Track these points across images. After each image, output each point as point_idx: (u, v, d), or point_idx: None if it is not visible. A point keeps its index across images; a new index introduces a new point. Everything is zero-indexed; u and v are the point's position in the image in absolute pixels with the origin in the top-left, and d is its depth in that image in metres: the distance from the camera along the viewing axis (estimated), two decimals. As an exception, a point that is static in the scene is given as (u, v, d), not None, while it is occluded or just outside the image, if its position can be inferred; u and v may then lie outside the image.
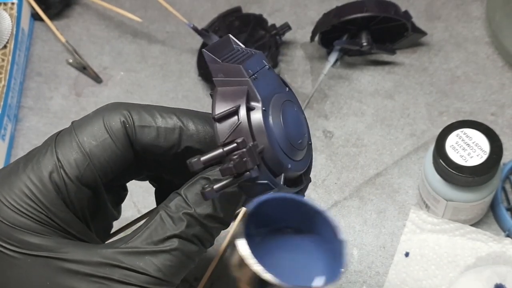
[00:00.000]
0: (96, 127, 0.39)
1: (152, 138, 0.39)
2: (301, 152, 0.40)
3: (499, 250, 0.55)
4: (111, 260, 0.38)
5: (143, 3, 0.75)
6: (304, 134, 0.40)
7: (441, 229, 0.57)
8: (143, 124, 0.39)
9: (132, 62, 0.71)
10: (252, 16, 0.70)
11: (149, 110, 0.40)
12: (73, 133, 0.39)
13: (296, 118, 0.40)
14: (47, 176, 0.38)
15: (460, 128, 0.54)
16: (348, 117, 0.66)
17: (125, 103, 0.40)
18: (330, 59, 0.67)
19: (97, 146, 0.38)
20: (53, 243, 0.38)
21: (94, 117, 0.40)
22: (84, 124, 0.39)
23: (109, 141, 0.39)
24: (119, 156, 0.39)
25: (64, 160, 0.38)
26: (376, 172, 0.63)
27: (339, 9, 0.66)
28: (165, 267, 0.38)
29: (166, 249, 0.38)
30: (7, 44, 0.68)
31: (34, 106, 0.69)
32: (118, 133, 0.39)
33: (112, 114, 0.39)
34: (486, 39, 0.69)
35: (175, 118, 0.40)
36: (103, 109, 0.40)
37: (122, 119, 0.39)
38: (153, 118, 0.39)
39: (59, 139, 0.39)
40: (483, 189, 0.55)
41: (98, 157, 0.39)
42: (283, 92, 0.40)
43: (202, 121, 0.40)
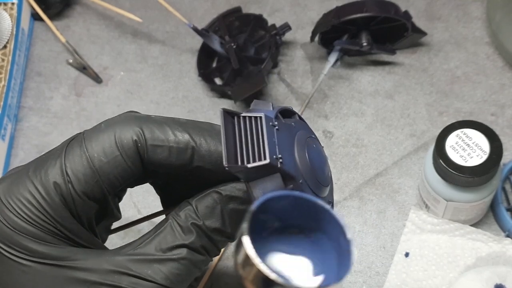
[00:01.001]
0: (108, 143, 0.38)
1: (164, 157, 0.39)
2: (325, 189, 0.40)
3: (499, 250, 0.55)
4: (120, 268, 0.38)
5: (143, 3, 0.75)
6: (327, 169, 0.40)
7: (441, 229, 0.57)
8: (155, 144, 0.38)
9: (132, 62, 0.71)
10: (252, 16, 0.70)
11: (162, 127, 0.39)
12: (84, 146, 0.38)
13: (319, 154, 0.40)
14: (54, 189, 0.37)
15: (460, 128, 0.54)
16: (348, 117, 0.66)
17: (138, 116, 0.39)
18: (330, 59, 0.67)
19: (108, 163, 0.38)
20: (60, 252, 0.38)
21: (106, 131, 0.38)
22: (95, 137, 0.38)
23: (119, 159, 0.38)
24: (129, 173, 0.39)
25: (73, 175, 0.38)
26: (376, 172, 0.63)
27: (339, 9, 0.66)
28: (173, 275, 0.39)
29: (175, 258, 0.39)
30: (7, 44, 0.68)
31: (34, 106, 0.69)
32: (129, 152, 0.38)
33: (124, 130, 0.38)
34: (486, 39, 0.69)
35: (187, 137, 0.39)
36: (115, 122, 0.39)
37: (134, 138, 0.38)
38: (165, 136, 0.38)
39: (69, 151, 0.38)
40: (483, 189, 0.55)
41: (108, 173, 0.38)
42: (303, 128, 0.40)
43: (215, 140, 0.39)
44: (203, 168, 0.39)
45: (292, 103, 0.67)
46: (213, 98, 0.68)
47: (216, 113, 0.67)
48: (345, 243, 0.31)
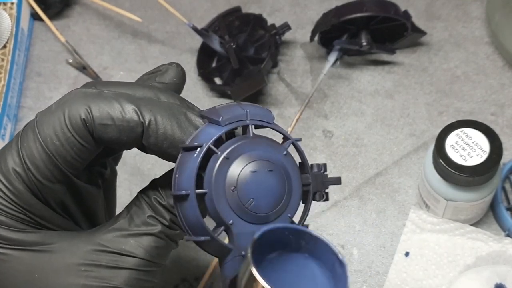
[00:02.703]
0: (58, 125, 0.37)
1: (113, 136, 0.38)
2: (258, 218, 0.37)
3: (499, 250, 0.55)
4: (98, 246, 0.38)
5: (143, 3, 0.75)
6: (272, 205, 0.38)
7: (441, 229, 0.57)
8: (103, 122, 0.37)
9: (132, 62, 0.71)
10: (252, 16, 0.70)
11: (111, 104, 0.37)
12: (36, 131, 0.37)
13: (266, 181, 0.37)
14: (17, 179, 0.37)
15: (460, 128, 0.54)
16: (348, 117, 0.66)
17: (88, 93, 0.38)
18: (329, 59, 0.67)
19: (61, 145, 0.37)
20: (35, 237, 0.38)
21: (56, 112, 0.38)
22: (46, 120, 0.38)
23: (72, 140, 0.37)
24: (86, 151, 0.38)
25: (30, 162, 0.37)
26: (376, 172, 0.63)
27: (339, 9, 0.66)
28: (152, 248, 0.39)
29: (151, 232, 0.39)
30: (7, 44, 0.68)
31: (34, 106, 0.69)
32: (80, 131, 0.37)
33: (72, 110, 0.37)
34: (486, 39, 0.69)
35: (137, 115, 0.37)
36: (64, 102, 0.38)
37: (82, 117, 0.37)
38: (114, 115, 0.37)
39: (24, 137, 0.38)
40: (483, 188, 0.55)
41: (64, 155, 0.37)
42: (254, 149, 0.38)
43: (167, 119, 0.38)
44: (157, 146, 0.38)
45: (292, 102, 0.67)
46: (213, 97, 0.68)
47: (216, 113, 0.67)
48: (340, 268, 0.33)
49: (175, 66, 0.43)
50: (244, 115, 0.38)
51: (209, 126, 0.38)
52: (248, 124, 0.38)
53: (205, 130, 0.38)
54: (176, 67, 0.43)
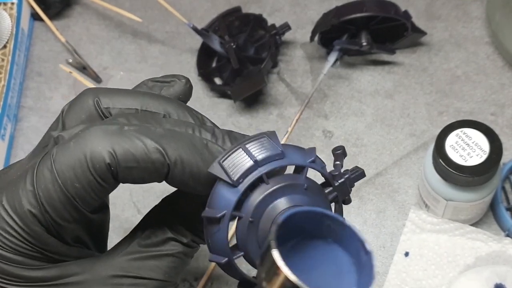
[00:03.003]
0: (79, 168, 0.35)
1: (138, 177, 0.36)
2: None
3: (499, 250, 0.55)
4: (117, 271, 0.38)
5: (143, 3, 0.75)
6: None
7: (440, 229, 0.57)
8: (128, 165, 0.35)
9: (132, 62, 0.71)
10: (252, 16, 0.70)
11: (135, 144, 0.35)
12: (55, 172, 0.35)
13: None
14: (34, 221, 0.36)
15: (460, 128, 0.54)
16: (348, 117, 0.66)
17: (110, 131, 0.36)
18: (329, 59, 0.67)
19: (82, 188, 0.35)
20: (56, 272, 0.37)
21: (76, 152, 0.35)
22: (65, 161, 0.35)
23: (94, 183, 0.35)
24: (106, 191, 0.37)
25: (48, 204, 0.35)
26: (376, 172, 0.63)
27: (339, 9, 0.66)
28: (170, 269, 0.39)
29: (170, 253, 0.38)
30: (7, 44, 0.68)
31: (34, 106, 0.69)
32: (103, 175, 0.35)
33: (95, 152, 0.35)
34: (486, 39, 0.69)
35: (162, 156, 0.35)
36: (85, 140, 0.35)
37: (107, 161, 0.35)
38: (139, 156, 0.35)
39: (40, 177, 0.35)
40: (483, 189, 0.55)
41: (84, 197, 0.36)
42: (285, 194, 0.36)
43: (191, 158, 0.36)
44: (182, 184, 0.37)
45: (292, 102, 0.67)
46: (213, 98, 0.68)
47: (216, 113, 0.67)
48: (366, 257, 0.32)
49: (184, 83, 0.41)
50: (254, 165, 0.35)
51: (223, 187, 0.36)
52: (262, 175, 0.35)
53: (221, 193, 0.36)
54: (184, 83, 0.41)
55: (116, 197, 0.60)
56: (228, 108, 0.67)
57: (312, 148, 0.38)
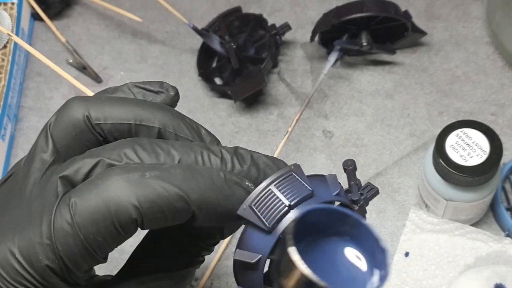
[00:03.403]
0: (102, 223, 0.33)
1: (161, 225, 0.35)
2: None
3: (499, 250, 0.55)
4: None
5: (143, 3, 0.75)
6: None
7: (441, 229, 0.57)
8: (154, 217, 0.34)
9: (132, 62, 0.71)
10: (252, 16, 0.70)
11: (158, 193, 0.34)
12: (76, 227, 0.34)
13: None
14: (52, 275, 0.35)
15: (460, 128, 0.54)
16: (348, 117, 0.66)
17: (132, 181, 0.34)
18: (330, 59, 0.67)
19: (105, 241, 0.34)
20: None
21: (98, 206, 0.33)
22: (88, 216, 0.34)
23: (117, 236, 0.34)
24: (125, 239, 0.36)
25: (68, 260, 0.34)
26: (376, 172, 0.62)
27: (339, 9, 0.66)
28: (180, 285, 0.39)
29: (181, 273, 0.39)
30: (7, 44, 0.68)
31: (34, 106, 0.69)
32: (128, 229, 0.34)
33: (120, 207, 0.33)
34: (486, 39, 0.69)
35: (187, 204, 0.34)
36: (107, 193, 0.34)
37: (133, 216, 0.33)
38: (163, 205, 0.34)
39: (59, 230, 0.34)
40: (483, 189, 0.55)
41: (105, 248, 0.35)
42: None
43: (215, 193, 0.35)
44: (206, 224, 0.36)
45: (292, 102, 0.67)
46: (213, 98, 0.68)
47: (216, 113, 0.67)
48: (381, 254, 0.32)
49: (172, 96, 0.40)
50: (287, 209, 0.34)
51: (255, 231, 0.35)
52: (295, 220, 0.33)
53: (254, 237, 0.35)
54: (172, 96, 0.40)
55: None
56: (228, 108, 0.67)
57: (333, 177, 0.37)
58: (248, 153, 0.37)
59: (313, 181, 0.36)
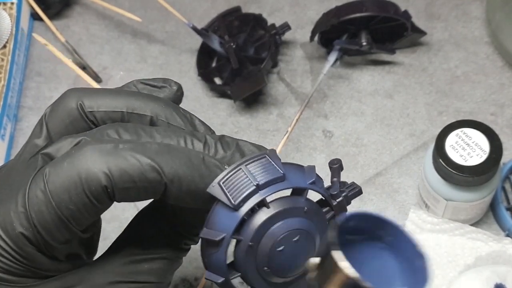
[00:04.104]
0: (74, 191, 0.34)
1: (134, 197, 0.35)
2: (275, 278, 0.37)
3: (499, 250, 0.55)
4: (112, 277, 0.37)
5: (143, 3, 0.75)
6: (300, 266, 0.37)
7: (441, 229, 0.57)
8: (125, 186, 0.34)
9: (131, 62, 0.71)
10: (252, 16, 0.70)
11: (132, 164, 0.34)
12: (48, 193, 0.34)
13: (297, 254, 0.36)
14: (26, 242, 0.35)
15: (459, 128, 0.54)
16: (348, 117, 0.66)
17: (105, 151, 0.34)
18: (329, 58, 0.67)
19: (77, 210, 0.34)
20: (53, 286, 0.37)
21: (70, 173, 0.34)
22: (60, 182, 0.34)
23: (89, 205, 0.35)
24: (101, 211, 0.36)
25: (42, 227, 0.34)
26: (376, 172, 0.63)
27: (339, 9, 0.66)
28: (164, 271, 0.38)
29: (163, 256, 0.38)
30: (7, 44, 0.68)
31: (33, 106, 0.69)
32: (99, 197, 0.34)
33: (91, 175, 0.34)
34: (485, 39, 0.69)
35: (159, 175, 0.34)
36: (79, 161, 0.34)
37: (103, 183, 0.34)
38: (137, 176, 0.34)
39: (33, 198, 0.34)
40: (483, 188, 0.55)
41: (79, 218, 0.35)
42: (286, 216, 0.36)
43: (189, 169, 0.35)
44: (179, 201, 0.36)
45: (292, 102, 0.67)
46: (212, 97, 0.68)
47: (216, 113, 0.67)
48: (420, 260, 0.32)
49: (175, 90, 0.41)
50: (256, 189, 0.34)
51: (223, 209, 0.35)
52: (263, 199, 0.35)
53: (220, 215, 0.35)
54: (175, 91, 0.41)
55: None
56: (228, 108, 0.67)
57: (312, 167, 0.37)
58: (234, 141, 0.37)
59: (288, 167, 0.36)
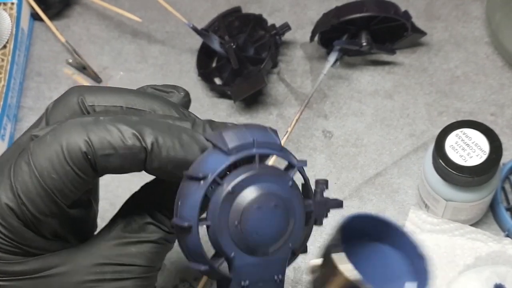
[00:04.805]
0: (56, 159, 0.35)
1: (116, 165, 0.36)
2: (259, 251, 0.36)
3: (498, 250, 0.55)
4: (99, 259, 0.37)
5: (143, 3, 0.75)
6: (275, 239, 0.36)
7: (440, 229, 0.57)
8: (105, 153, 0.35)
9: (131, 62, 0.71)
10: (252, 16, 0.70)
11: (111, 132, 0.35)
12: (32, 164, 0.35)
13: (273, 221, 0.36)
14: (11, 214, 0.35)
15: (459, 128, 0.54)
16: (348, 117, 0.66)
17: (85, 122, 0.36)
18: (329, 59, 0.67)
19: (60, 179, 0.35)
20: (36, 265, 0.37)
21: (52, 144, 0.35)
22: (42, 153, 0.35)
23: (71, 173, 0.35)
24: (84, 182, 0.36)
25: (26, 197, 0.35)
26: (376, 172, 0.63)
27: (339, 9, 0.66)
28: (152, 254, 0.39)
29: (151, 239, 0.38)
30: (7, 44, 0.68)
31: (34, 106, 0.69)
32: (80, 164, 0.35)
33: (71, 142, 0.35)
34: (486, 39, 0.69)
35: (139, 141, 0.36)
36: (61, 132, 0.35)
37: (83, 149, 0.35)
38: (116, 143, 0.35)
39: (17, 170, 0.36)
40: (482, 189, 0.55)
41: (62, 189, 0.36)
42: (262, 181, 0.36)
43: (168, 142, 0.36)
44: (161, 169, 0.37)
45: (292, 103, 0.67)
46: (212, 98, 0.68)
47: (216, 113, 0.67)
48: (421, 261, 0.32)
49: (182, 96, 0.42)
50: (251, 143, 0.36)
51: (215, 153, 0.36)
52: (255, 155, 0.36)
53: (210, 157, 0.36)
54: (183, 97, 0.42)
55: (116, 196, 0.60)
56: (228, 108, 0.67)
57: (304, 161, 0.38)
58: (223, 123, 0.38)
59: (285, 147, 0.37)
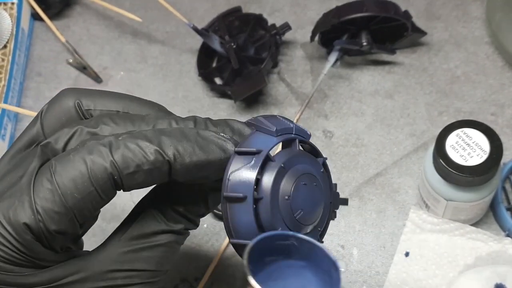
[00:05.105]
0: (80, 179, 0.35)
1: (141, 181, 0.36)
2: (308, 227, 0.38)
3: (499, 250, 0.55)
4: (110, 265, 0.38)
5: (143, 3, 0.75)
6: (313, 218, 0.38)
7: (441, 229, 0.57)
8: (130, 171, 0.36)
9: (132, 62, 0.71)
10: (252, 16, 0.70)
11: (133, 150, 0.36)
12: (55, 182, 0.35)
13: (315, 199, 0.38)
14: (27, 231, 0.35)
15: (460, 128, 0.54)
16: (348, 117, 0.66)
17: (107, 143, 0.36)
18: (330, 59, 0.67)
19: (82, 199, 0.35)
20: (49, 276, 0.37)
21: (77, 163, 0.35)
22: (66, 171, 0.35)
23: (94, 194, 0.36)
24: (104, 202, 0.37)
25: (45, 214, 0.35)
26: (376, 172, 0.63)
27: (339, 9, 0.66)
28: (162, 259, 0.39)
29: (162, 243, 0.39)
30: (7, 44, 0.68)
31: (34, 106, 0.69)
32: (104, 186, 0.36)
33: (96, 163, 0.35)
34: (486, 39, 0.69)
35: (161, 155, 0.36)
36: (84, 153, 0.36)
37: (109, 170, 0.35)
38: (140, 160, 0.36)
39: (38, 186, 0.35)
40: (483, 189, 0.55)
41: (82, 209, 0.36)
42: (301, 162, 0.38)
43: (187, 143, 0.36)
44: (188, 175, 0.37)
45: (292, 102, 0.67)
46: (213, 98, 0.68)
47: (216, 113, 0.67)
48: (336, 274, 0.33)
49: None
50: (292, 129, 0.38)
51: (260, 134, 0.38)
52: (296, 139, 0.39)
53: (257, 138, 0.37)
54: None
55: (116, 196, 0.60)
56: (228, 108, 0.67)
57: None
58: (222, 120, 0.39)
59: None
